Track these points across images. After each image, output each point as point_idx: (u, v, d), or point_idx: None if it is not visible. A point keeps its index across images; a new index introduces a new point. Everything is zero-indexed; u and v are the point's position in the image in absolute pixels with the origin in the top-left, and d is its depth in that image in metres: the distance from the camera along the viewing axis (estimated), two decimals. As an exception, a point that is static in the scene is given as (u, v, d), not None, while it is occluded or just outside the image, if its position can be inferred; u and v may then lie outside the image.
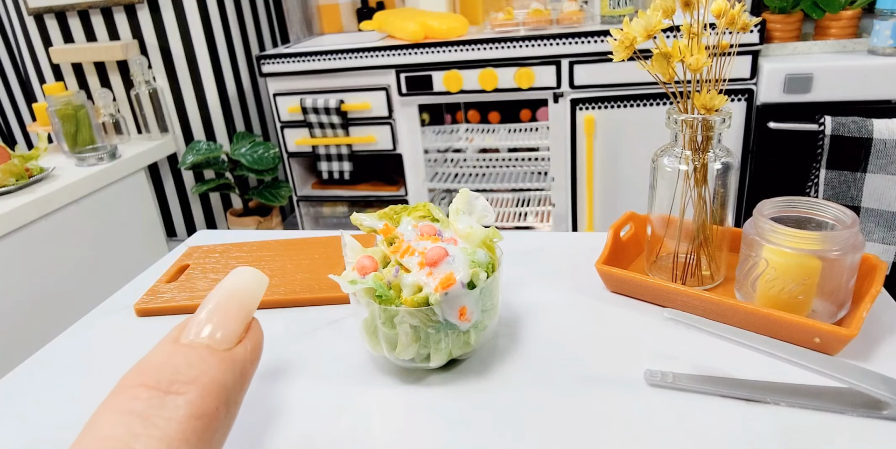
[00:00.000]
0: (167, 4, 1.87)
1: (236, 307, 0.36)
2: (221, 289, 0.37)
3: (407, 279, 0.43)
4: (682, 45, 0.49)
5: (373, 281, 0.43)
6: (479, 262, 0.45)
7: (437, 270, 0.43)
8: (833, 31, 1.47)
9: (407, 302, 0.43)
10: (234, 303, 0.36)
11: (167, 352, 0.34)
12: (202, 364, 0.34)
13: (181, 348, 0.34)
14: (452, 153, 1.98)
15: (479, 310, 0.45)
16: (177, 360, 0.33)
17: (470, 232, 0.46)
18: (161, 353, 0.34)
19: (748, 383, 0.43)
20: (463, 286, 0.43)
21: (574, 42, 1.50)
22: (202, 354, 0.34)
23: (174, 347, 0.34)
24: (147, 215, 1.81)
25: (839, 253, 0.46)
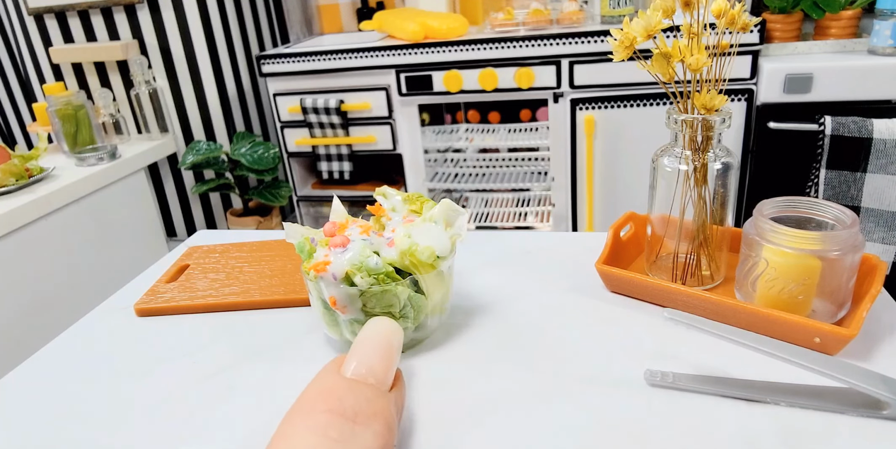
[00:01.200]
0: (167, 4, 1.87)
1: (388, 354, 0.39)
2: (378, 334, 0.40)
3: (319, 253, 0.46)
4: (682, 45, 0.49)
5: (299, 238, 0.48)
6: (366, 266, 0.45)
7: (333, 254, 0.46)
8: (833, 31, 1.47)
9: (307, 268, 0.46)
10: (387, 350, 0.39)
11: (343, 384, 0.36)
12: (379, 401, 0.36)
13: (354, 383, 0.37)
14: (452, 153, 1.98)
15: (358, 309, 0.46)
16: (357, 393, 0.36)
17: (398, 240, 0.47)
18: (337, 383, 0.36)
19: (748, 383, 0.43)
20: (335, 278, 0.45)
21: (574, 42, 1.50)
22: (375, 392, 0.37)
23: (347, 381, 0.37)
24: (147, 215, 1.81)
25: (839, 253, 0.46)
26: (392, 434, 0.35)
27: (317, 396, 0.36)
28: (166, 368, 0.51)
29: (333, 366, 0.38)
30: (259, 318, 0.58)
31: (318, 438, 0.32)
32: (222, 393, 0.47)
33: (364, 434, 0.33)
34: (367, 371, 0.37)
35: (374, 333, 0.40)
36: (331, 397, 0.35)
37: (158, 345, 0.55)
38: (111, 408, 0.47)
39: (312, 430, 0.33)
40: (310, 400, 0.35)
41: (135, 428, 0.44)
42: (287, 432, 0.33)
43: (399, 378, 0.40)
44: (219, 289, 0.62)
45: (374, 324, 0.40)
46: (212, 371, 0.50)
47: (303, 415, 0.34)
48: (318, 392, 0.36)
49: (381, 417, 0.35)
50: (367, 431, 0.34)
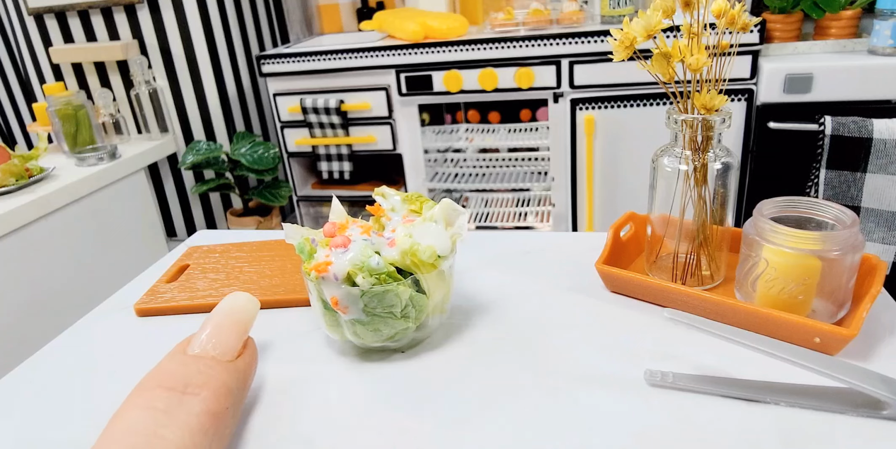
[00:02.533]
0: (167, 4, 1.86)
1: (234, 326, 0.43)
2: (220, 310, 0.44)
3: (320, 253, 0.47)
4: (682, 45, 0.49)
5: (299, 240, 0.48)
6: (368, 266, 0.45)
7: (333, 254, 0.46)
8: (833, 31, 1.47)
9: (307, 269, 0.46)
10: (232, 322, 0.43)
11: (179, 361, 0.40)
12: (211, 371, 0.40)
13: (191, 358, 0.40)
14: (452, 153, 1.98)
15: (360, 310, 0.45)
16: (189, 367, 0.40)
17: (399, 240, 0.47)
18: (174, 361, 0.40)
19: (748, 383, 0.43)
20: (336, 279, 0.45)
21: (574, 42, 1.50)
22: (210, 363, 0.40)
23: (184, 357, 0.41)
24: (147, 215, 1.81)
25: (839, 253, 0.46)
26: (224, 398, 0.39)
27: (151, 375, 0.39)
28: (166, 368, 0.51)
29: (179, 346, 0.42)
30: (259, 318, 0.58)
31: (144, 410, 0.36)
32: (222, 393, 0.47)
33: (191, 401, 0.37)
34: (206, 345, 0.41)
35: (220, 309, 0.44)
36: (163, 374, 0.39)
37: (158, 345, 0.55)
38: (111, 408, 0.47)
39: (140, 405, 0.36)
40: (144, 380, 0.39)
41: (135, 428, 0.44)
42: (118, 412, 0.37)
43: (247, 346, 0.44)
44: (219, 289, 0.62)
45: (225, 300, 0.44)
46: (212, 371, 0.50)
47: (135, 394, 0.38)
48: (153, 372, 0.40)
49: (210, 385, 0.38)
50: (194, 399, 0.37)
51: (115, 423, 0.36)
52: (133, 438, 0.34)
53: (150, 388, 0.38)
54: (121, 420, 0.36)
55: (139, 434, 0.34)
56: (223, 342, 0.42)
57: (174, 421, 0.35)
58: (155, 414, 0.36)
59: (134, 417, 0.36)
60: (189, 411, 0.36)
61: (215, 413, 0.38)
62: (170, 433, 0.35)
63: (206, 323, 0.43)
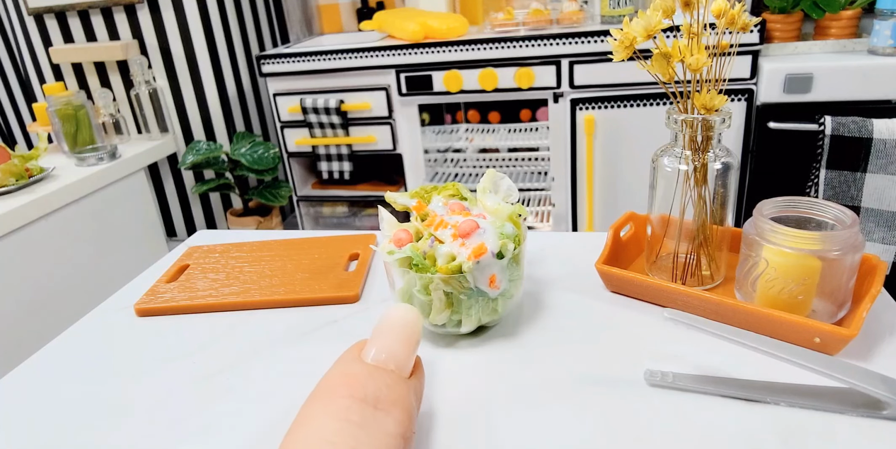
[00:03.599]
0: (167, 4, 1.86)
1: (408, 340, 0.39)
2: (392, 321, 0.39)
3: (441, 249, 0.47)
4: (682, 45, 0.49)
5: (410, 251, 0.47)
6: (506, 234, 0.48)
7: (469, 241, 0.47)
8: (833, 31, 1.47)
9: (441, 270, 0.46)
10: (406, 336, 0.39)
11: (364, 370, 0.36)
12: (398, 389, 0.36)
13: (375, 369, 0.36)
14: (452, 153, 1.98)
15: (507, 279, 0.49)
16: (377, 380, 0.36)
17: (498, 208, 0.51)
18: (359, 369, 0.36)
19: (748, 383, 0.43)
20: (493, 256, 0.46)
21: (574, 42, 1.50)
22: (395, 379, 0.37)
23: (367, 367, 0.37)
24: (147, 215, 1.81)
25: (839, 253, 0.46)
26: (411, 422, 0.35)
27: (338, 381, 0.35)
28: (166, 368, 0.51)
29: (354, 352, 0.38)
30: (259, 318, 0.58)
31: (340, 422, 0.32)
32: (222, 393, 0.47)
33: (385, 420, 0.33)
34: (387, 357, 0.37)
35: (394, 321, 0.39)
36: (352, 383, 0.35)
37: (158, 345, 0.55)
38: (111, 408, 0.47)
39: (333, 415, 0.33)
40: (331, 385, 0.35)
41: (135, 428, 0.44)
42: (308, 417, 0.33)
43: (419, 366, 0.40)
44: (219, 289, 0.62)
45: (395, 311, 0.40)
46: (212, 371, 0.50)
47: (324, 400, 0.34)
48: (340, 377, 0.36)
49: (400, 404, 0.35)
50: (387, 418, 0.34)
51: (307, 429, 0.33)
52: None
53: (341, 395, 0.34)
54: (314, 428, 0.33)
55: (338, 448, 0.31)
56: (398, 357, 0.38)
57: (372, 440, 0.32)
58: (351, 428, 0.32)
59: (330, 428, 0.32)
60: (385, 431, 0.33)
61: (405, 437, 0.34)
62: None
63: (377, 332, 0.39)
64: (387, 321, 0.39)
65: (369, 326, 0.54)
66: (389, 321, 0.39)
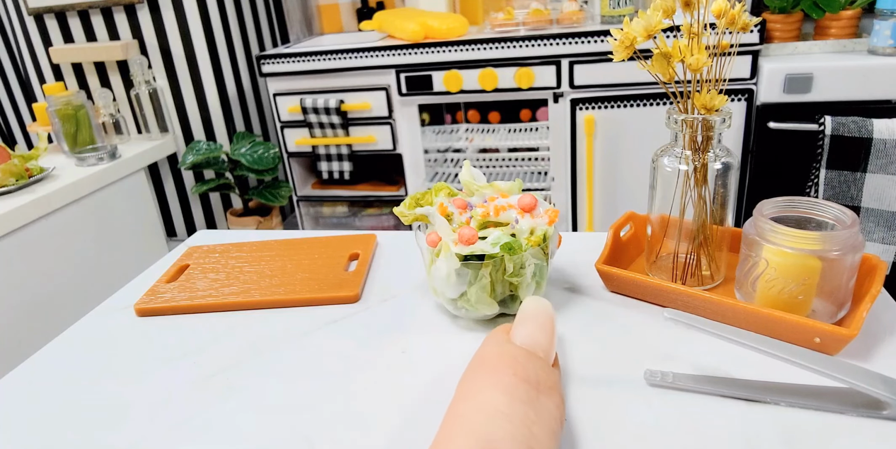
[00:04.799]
0: (167, 4, 1.86)
1: (551, 331, 0.39)
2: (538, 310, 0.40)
3: (524, 225, 0.49)
4: (682, 45, 0.49)
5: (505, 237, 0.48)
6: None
7: (536, 213, 0.50)
8: (833, 31, 1.47)
9: (533, 242, 0.49)
10: (550, 327, 0.39)
11: (523, 352, 0.37)
12: (553, 375, 0.37)
13: (530, 352, 0.37)
14: (452, 153, 1.98)
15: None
16: (534, 362, 0.36)
17: (509, 186, 0.53)
18: (517, 351, 0.37)
19: (748, 383, 0.43)
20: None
21: (574, 42, 1.50)
22: (548, 365, 0.37)
23: (524, 350, 0.37)
24: (147, 215, 1.81)
25: (839, 253, 0.46)
26: (564, 407, 0.36)
27: (499, 359, 0.36)
28: (166, 368, 0.51)
29: (502, 334, 0.39)
30: (259, 318, 0.58)
31: (509, 398, 0.33)
32: (222, 393, 0.47)
33: (547, 403, 0.34)
34: (534, 343, 0.38)
35: (536, 310, 0.40)
36: (515, 363, 0.35)
37: (158, 345, 0.55)
38: (111, 408, 0.47)
39: (502, 389, 0.33)
40: (493, 362, 0.36)
41: (135, 428, 0.44)
42: (475, 390, 0.34)
43: (556, 358, 0.40)
44: (219, 289, 0.62)
45: (535, 302, 0.41)
46: (212, 371, 0.50)
47: (489, 375, 0.34)
48: (500, 356, 0.36)
49: (557, 390, 0.36)
50: (549, 401, 0.34)
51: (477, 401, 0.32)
52: (506, 423, 0.31)
53: (507, 374, 0.34)
54: (484, 400, 0.32)
55: (513, 423, 0.31)
56: (544, 345, 0.38)
57: (541, 420, 0.32)
58: (521, 405, 0.32)
59: (500, 401, 0.32)
60: (549, 413, 0.33)
61: (562, 420, 0.35)
62: (538, 431, 0.32)
63: (525, 320, 0.39)
64: (529, 311, 0.40)
65: (369, 326, 0.55)
66: (532, 311, 0.40)
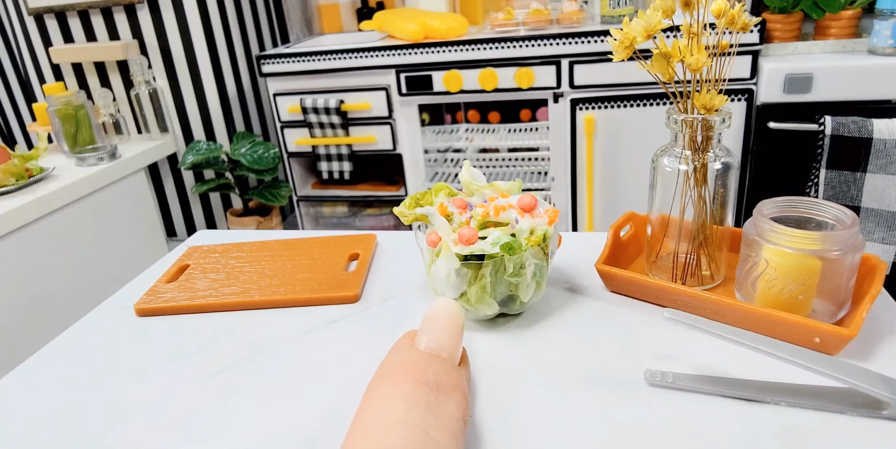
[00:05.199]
0: (167, 4, 1.86)
1: (456, 330, 0.40)
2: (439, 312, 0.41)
3: (522, 226, 0.49)
4: (682, 45, 0.49)
5: (505, 237, 0.48)
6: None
7: (536, 213, 0.50)
8: (833, 31, 1.47)
9: (533, 242, 0.49)
10: (454, 328, 0.40)
11: (423, 356, 0.38)
12: (455, 374, 0.38)
13: (431, 356, 0.38)
14: (452, 153, 1.98)
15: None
16: (435, 365, 0.37)
17: (509, 186, 0.53)
18: (417, 356, 0.38)
19: (748, 383, 0.43)
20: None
21: (574, 42, 1.50)
22: (451, 365, 0.38)
23: (423, 353, 0.38)
24: (147, 215, 1.81)
25: (839, 253, 0.46)
26: (468, 405, 0.37)
27: (400, 367, 0.37)
28: (166, 368, 0.51)
29: (407, 341, 0.40)
30: (259, 318, 0.58)
31: (408, 404, 0.34)
32: (222, 393, 0.47)
33: (447, 403, 0.35)
34: (438, 346, 0.39)
35: (441, 312, 0.41)
36: (415, 369, 0.36)
37: (158, 345, 0.55)
38: (111, 408, 0.47)
39: (402, 397, 0.34)
40: (394, 371, 0.37)
41: (135, 428, 0.44)
42: (376, 399, 0.35)
43: (465, 355, 0.41)
44: (219, 289, 0.62)
45: (441, 303, 0.41)
46: (212, 371, 0.50)
47: (390, 384, 0.36)
48: (401, 363, 0.37)
49: (459, 389, 0.37)
50: (449, 401, 0.35)
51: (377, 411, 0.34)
52: (405, 432, 0.32)
53: (405, 380, 0.35)
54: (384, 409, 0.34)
55: (412, 430, 0.32)
56: (448, 346, 0.39)
57: (440, 423, 0.33)
58: (420, 410, 0.33)
59: (399, 409, 0.33)
60: (449, 414, 0.34)
61: (463, 419, 0.36)
62: (437, 435, 0.33)
63: (426, 324, 0.40)
64: (434, 314, 0.41)
65: (369, 326, 0.55)
66: (436, 313, 0.41)
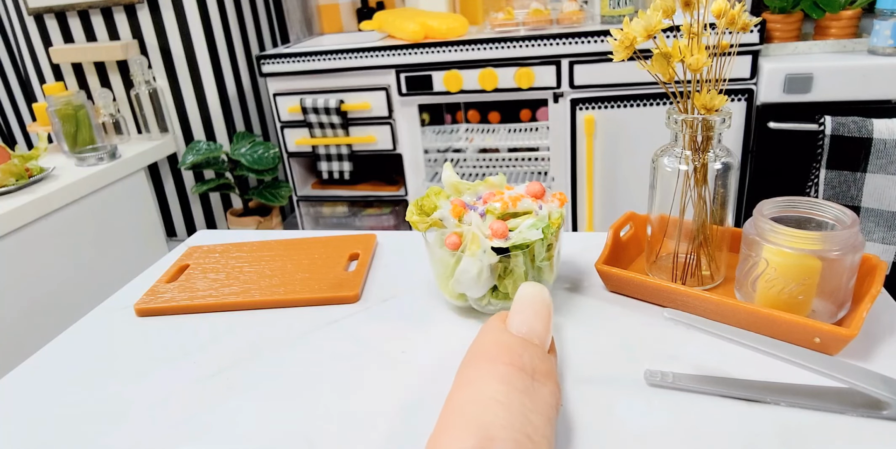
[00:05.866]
0: (167, 4, 1.86)
1: (547, 317, 0.40)
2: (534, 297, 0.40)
3: (545, 210, 0.51)
4: (682, 45, 0.49)
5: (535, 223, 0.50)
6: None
7: (546, 199, 0.52)
8: (833, 31, 1.47)
9: (555, 223, 0.51)
10: (545, 313, 0.40)
11: (518, 341, 0.37)
12: (548, 362, 0.38)
13: (525, 341, 0.38)
14: (452, 153, 1.98)
15: None
16: (529, 351, 0.37)
17: (498, 180, 0.55)
18: (512, 339, 0.37)
19: (748, 383, 0.43)
20: None
21: (574, 42, 1.50)
22: (543, 352, 0.38)
23: (519, 338, 0.38)
24: (147, 215, 1.81)
25: (839, 253, 0.46)
26: (559, 393, 0.37)
27: (496, 348, 0.36)
28: (166, 368, 0.51)
29: (498, 322, 0.39)
30: (259, 318, 0.58)
31: (506, 386, 0.33)
32: (222, 393, 0.47)
33: (542, 390, 0.35)
34: (530, 331, 0.38)
35: (533, 296, 0.40)
36: (510, 352, 0.36)
37: (158, 345, 0.55)
38: (111, 408, 0.47)
39: (498, 378, 0.34)
40: (489, 351, 0.36)
41: (135, 428, 0.44)
42: (472, 380, 0.34)
43: (553, 344, 0.41)
44: (219, 289, 0.62)
45: (531, 287, 0.41)
46: (212, 371, 0.50)
47: (486, 364, 0.35)
48: (496, 345, 0.37)
49: (552, 377, 0.36)
50: (543, 388, 0.35)
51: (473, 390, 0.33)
52: (504, 412, 0.32)
53: (503, 362, 0.35)
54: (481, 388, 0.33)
55: (510, 411, 0.32)
56: (539, 332, 0.39)
57: (537, 407, 0.33)
58: (518, 394, 0.33)
59: (497, 390, 0.33)
60: (545, 400, 0.34)
61: (557, 407, 0.35)
62: (536, 419, 0.32)
63: (521, 307, 0.40)
64: (525, 297, 0.40)
65: (369, 326, 0.55)
66: (528, 297, 0.40)
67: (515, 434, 0.31)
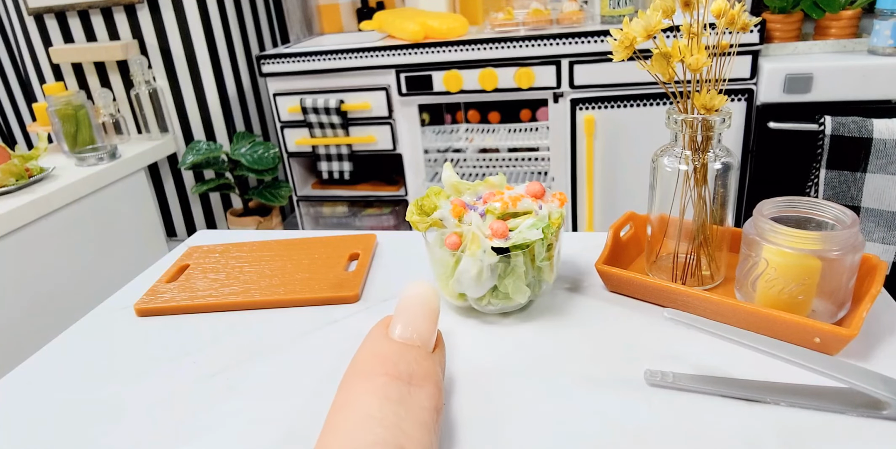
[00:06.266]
0: (167, 4, 1.86)
1: (429, 315, 0.40)
2: (412, 298, 0.41)
3: (546, 210, 0.52)
4: (682, 45, 0.49)
5: (535, 223, 0.50)
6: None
7: (546, 198, 0.53)
8: (833, 31, 1.47)
9: (555, 223, 0.51)
10: (427, 311, 0.40)
11: (394, 347, 0.38)
12: (427, 363, 0.38)
13: (404, 346, 0.38)
14: (452, 153, 1.98)
15: None
16: (406, 356, 0.37)
17: (499, 180, 0.55)
18: (387, 347, 0.38)
19: (748, 383, 0.43)
20: None
21: (574, 42, 1.50)
22: (423, 354, 0.38)
23: (395, 344, 0.38)
24: (147, 215, 1.81)
25: (839, 253, 0.46)
26: (441, 394, 0.37)
27: (371, 359, 0.37)
28: (166, 368, 0.51)
29: (381, 329, 0.40)
30: (259, 318, 0.58)
31: (380, 399, 0.34)
32: (222, 393, 0.47)
33: (419, 394, 0.35)
34: (412, 333, 0.39)
35: (416, 296, 0.40)
36: (386, 361, 0.37)
37: (158, 345, 0.55)
38: (111, 408, 0.47)
39: (373, 392, 0.35)
40: (366, 364, 0.37)
41: (135, 428, 0.44)
42: (349, 396, 0.35)
43: (440, 340, 0.41)
44: (219, 289, 0.62)
45: (414, 287, 0.41)
46: (212, 371, 0.50)
47: (361, 379, 0.36)
48: (372, 356, 0.37)
49: (431, 379, 0.37)
50: (421, 392, 0.36)
51: (350, 408, 0.34)
52: (378, 427, 0.32)
53: (376, 374, 0.36)
54: (357, 406, 0.34)
55: (384, 425, 0.32)
56: (422, 333, 0.39)
57: (411, 415, 0.34)
58: (391, 404, 0.34)
59: (371, 405, 0.34)
60: (420, 405, 0.35)
61: (438, 410, 0.36)
62: (409, 428, 0.33)
63: (400, 310, 0.40)
64: (409, 298, 0.40)
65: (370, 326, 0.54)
66: (411, 298, 0.40)
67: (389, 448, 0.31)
